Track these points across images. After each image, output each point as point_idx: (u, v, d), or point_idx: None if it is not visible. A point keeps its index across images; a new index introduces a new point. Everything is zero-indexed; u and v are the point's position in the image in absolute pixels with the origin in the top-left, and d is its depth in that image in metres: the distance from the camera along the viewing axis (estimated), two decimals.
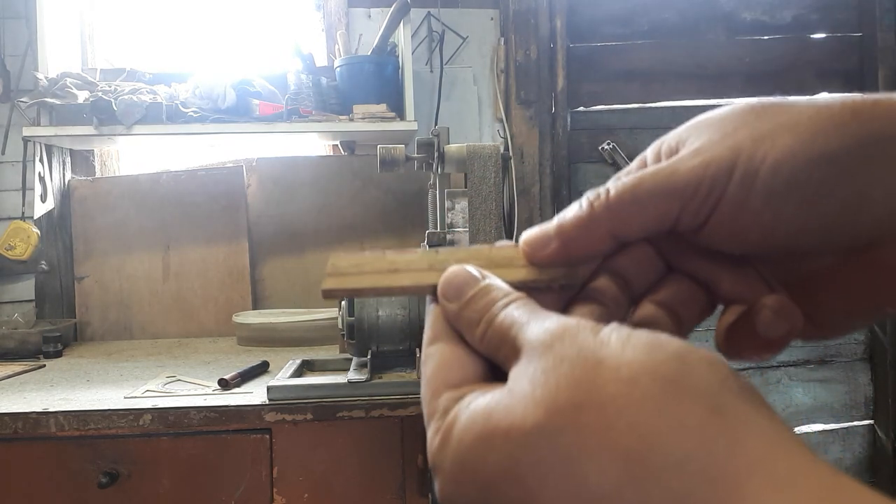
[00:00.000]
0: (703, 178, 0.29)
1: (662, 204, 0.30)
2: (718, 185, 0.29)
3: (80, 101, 1.78)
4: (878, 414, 2.17)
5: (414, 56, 1.95)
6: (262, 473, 1.28)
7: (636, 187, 0.30)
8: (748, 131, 0.29)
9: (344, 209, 2.09)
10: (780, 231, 0.29)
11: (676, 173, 0.30)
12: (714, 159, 0.29)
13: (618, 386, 0.22)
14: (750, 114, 0.30)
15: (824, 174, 0.28)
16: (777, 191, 0.28)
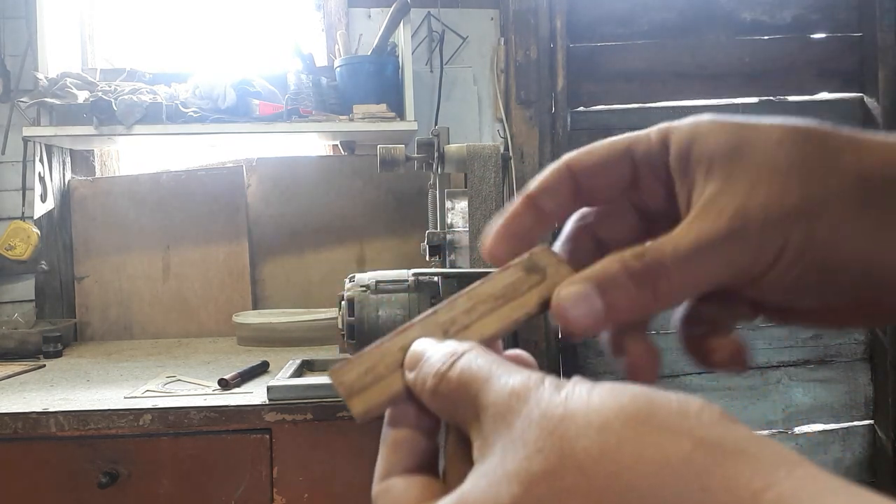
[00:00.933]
0: (756, 261, 0.28)
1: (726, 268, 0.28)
2: (768, 265, 0.28)
3: (80, 101, 1.78)
4: (878, 414, 2.17)
5: (414, 56, 1.95)
6: (262, 473, 1.28)
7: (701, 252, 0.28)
8: (800, 193, 0.28)
9: (344, 209, 2.09)
10: (800, 294, 0.30)
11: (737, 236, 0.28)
12: (767, 241, 0.28)
13: (589, 438, 0.20)
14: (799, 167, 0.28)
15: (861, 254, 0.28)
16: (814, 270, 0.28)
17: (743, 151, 0.29)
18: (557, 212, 0.33)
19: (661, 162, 0.31)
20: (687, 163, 0.30)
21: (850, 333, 2.18)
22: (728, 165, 0.29)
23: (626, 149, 0.32)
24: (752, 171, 0.28)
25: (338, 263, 2.08)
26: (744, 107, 2.15)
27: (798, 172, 0.28)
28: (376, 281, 1.39)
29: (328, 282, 2.05)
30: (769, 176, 0.28)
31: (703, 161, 0.29)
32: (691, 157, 0.30)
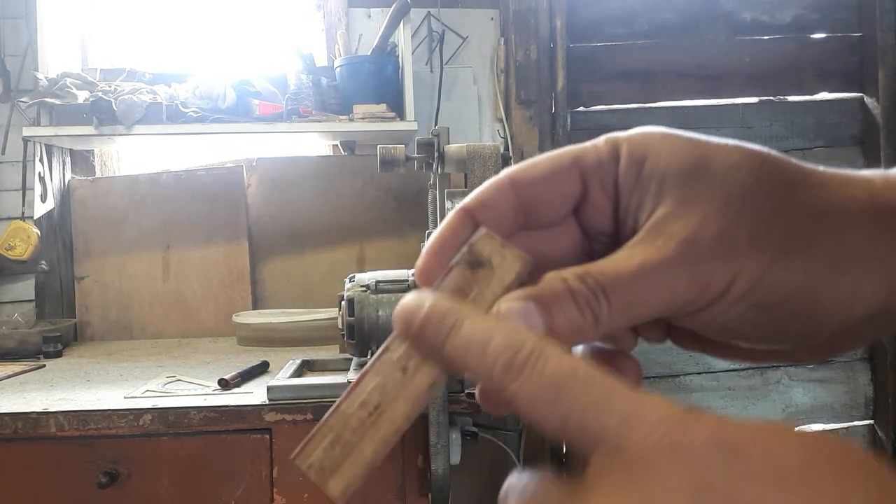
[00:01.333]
0: (702, 294, 0.27)
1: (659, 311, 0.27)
2: (713, 299, 0.27)
3: (80, 101, 1.78)
4: (878, 414, 2.17)
5: (414, 56, 1.95)
6: (262, 473, 1.28)
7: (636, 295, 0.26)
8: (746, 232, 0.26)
9: (344, 209, 2.09)
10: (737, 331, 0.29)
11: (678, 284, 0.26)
12: (717, 274, 0.26)
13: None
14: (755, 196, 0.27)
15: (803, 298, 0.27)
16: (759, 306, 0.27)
17: (698, 173, 0.27)
18: (496, 228, 0.29)
19: (610, 176, 0.29)
20: (638, 179, 0.28)
21: None
22: (681, 187, 0.27)
23: (572, 161, 0.29)
24: (706, 197, 0.27)
25: (338, 263, 2.08)
26: (744, 107, 2.15)
27: (752, 203, 0.27)
28: (376, 281, 1.39)
29: (328, 282, 2.05)
30: (724, 204, 0.27)
31: (655, 179, 0.28)
32: (643, 173, 0.28)
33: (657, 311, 0.27)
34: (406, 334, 0.25)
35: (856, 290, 0.27)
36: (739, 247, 0.26)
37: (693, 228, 0.26)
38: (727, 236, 0.26)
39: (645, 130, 0.29)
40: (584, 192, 0.29)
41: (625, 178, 0.29)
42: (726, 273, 0.26)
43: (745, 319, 0.27)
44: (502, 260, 0.27)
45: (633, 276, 0.26)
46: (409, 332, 0.25)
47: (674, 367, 2.10)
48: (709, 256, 0.26)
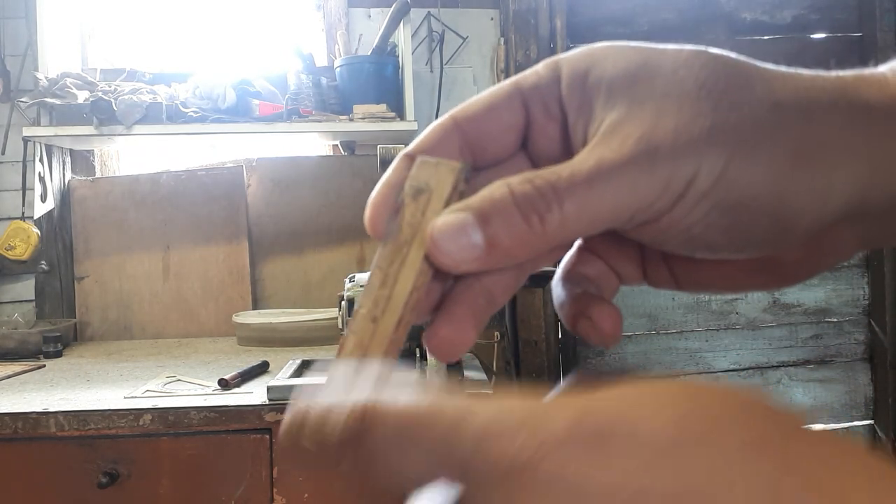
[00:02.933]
0: (662, 194, 0.24)
1: (626, 199, 0.24)
2: (681, 185, 0.25)
3: (80, 101, 1.78)
4: (878, 414, 2.17)
5: (414, 56, 1.95)
6: (262, 473, 1.27)
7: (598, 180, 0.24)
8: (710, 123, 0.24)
9: (344, 209, 2.09)
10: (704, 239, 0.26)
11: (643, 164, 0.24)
12: (676, 171, 0.24)
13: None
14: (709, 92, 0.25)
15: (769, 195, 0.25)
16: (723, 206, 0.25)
17: (647, 74, 0.25)
18: None
19: (553, 96, 0.27)
20: (583, 92, 0.26)
21: (850, 333, 2.18)
22: (630, 90, 0.25)
23: (512, 87, 0.27)
24: (658, 95, 0.25)
25: (338, 263, 2.08)
26: None
27: (708, 96, 0.25)
28: None
29: (328, 282, 2.05)
30: (678, 99, 0.25)
31: (602, 88, 0.26)
32: (587, 84, 0.26)
33: (616, 213, 0.25)
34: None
35: (826, 183, 0.25)
36: (698, 141, 0.24)
37: (648, 126, 0.25)
38: (684, 131, 0.24)
39: (588, 46, 0.27)
40: (528, 119, 0.28)
41: (568, 93, 0.27)
42: (686, 169, 0.24)
43: (711, 222, 0.25)
44: (438, 177, 0.26)
45: (589, 174, 0.24)
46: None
47: (674, 367, 2.10)
48: (667, 152, 0.24)
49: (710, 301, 2.16)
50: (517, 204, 0.24)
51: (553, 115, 0.27)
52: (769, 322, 2.18)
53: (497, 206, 0.24)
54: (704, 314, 2.16)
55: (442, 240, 0.24)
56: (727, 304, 2.17)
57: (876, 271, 2.16)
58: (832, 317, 2.19)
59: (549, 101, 0.27)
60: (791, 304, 2.18)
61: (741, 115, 0.25)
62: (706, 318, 2.17)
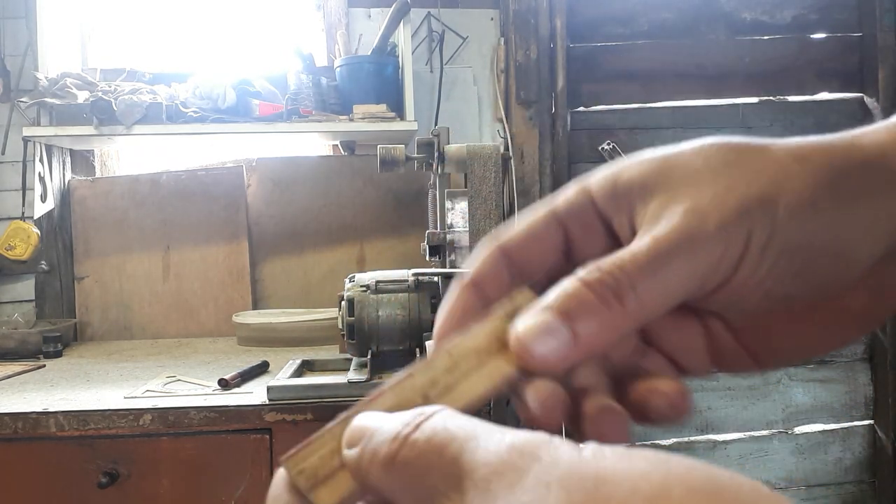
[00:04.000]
0: (727, 245, 0.26)
1: (689, 275, 0.26)
2: (739, 251, 0.27)
3: (80, 101, 1.78)
4: (878, 414, 2.17)
5: (414, 56, 1.95)
6: (262, 473, 1.27)
7: (659, 260, 0.26)
8: (745, 188, 0.27)
9: (344, 209, 2.09)
10: (778, 293, 0.28)
11: (696, 240, 0.26)
12: (731, 223, 0.26)
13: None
14: (734, 165, 0.28)
15: (823, 232, 0.27)
16: (786, 255, 0.27)
17: (669, 166, 0.28)
18: (500, 293, 0.29)
19: (589, 211, 0.30)
20: (616, 197, 0.29)
21: None
22: (661, 181, 0.28)
23: (548, 214, 0.30)
24: (688, 179, 0.27)
25: (338, 263, 2.08)
26: (744, 107, 2.15)
27: (734, 166, 0.27)
28: (376, 281, 1.39)
29: (328, 282, 2.05)
30: (708, 176, 0.27)
31: (635, 187, 0.28)
32: (618, 189, 0.29)
33: (685, 281, 0.26)
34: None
35: (871, 215, 0.28)
36: (743, 202, 0.27)
37: (691, 201, 0.27)
38: (728, 197, 0.27)
39: (605, 166, 0.30)
40: (568, 238, 0.30)
41: (604, 202, 0.29)
42: (740, 229, 0.26)
43: (780, 271, 0.27)
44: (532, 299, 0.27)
45: (650, 250, 0.26)
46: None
47: None
48: (715, 216, 0.26)
49: None
50: (593, 290, 0.25)
51: (593, 227, 0.30)
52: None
53: (574, 298, 0.25)
54: None
55: (530, 342, 0.24)
56: None
57: None
58: None
59: (586, 216, 0.30)
60: None
61: (771, 171, 0.27)
62: None
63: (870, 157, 0.28)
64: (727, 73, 2.14)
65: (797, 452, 2.15)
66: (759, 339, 0.31)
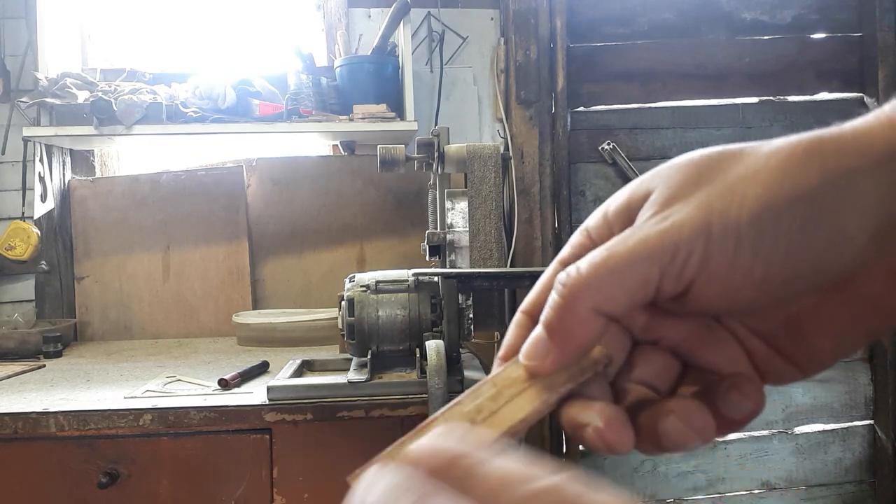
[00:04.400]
0: (679, 242, 0.28)
1: (641, 271, 0.28)
2: (698, 248, 0.28)
3: (80, 101, 1.78)
4: (878, 414, 2.17)
5: (414, 56, 1.95)
6: (262, 473, 1.27)
7: (609, 258, 0.29)
8: (709, 188, 0.29)
9: (344, 209, 2.09)
10: (773, 281, 0.29)
11: (648, 239, 0.29)
12: (686, 221, 0.28)
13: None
14: (702, 167, 0.30)
15: (803, 216, 0.28)
16: (764, 242, 0.28)
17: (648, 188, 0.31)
18: None
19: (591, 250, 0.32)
20: (610, 226, 0.32)
21: None
22: (643, 198, 0.31)
23: (556, 265, 0.33)
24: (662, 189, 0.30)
25: (338, 263, 2.08)
26: (744, 107, 2.15)
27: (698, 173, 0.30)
28: (376, 281, 1.39)
29: (328, 282, 2.05)
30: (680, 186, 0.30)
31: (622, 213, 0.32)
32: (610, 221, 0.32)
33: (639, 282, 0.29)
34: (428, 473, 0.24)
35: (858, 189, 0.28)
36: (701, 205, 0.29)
37: (655, 207, 0.30)
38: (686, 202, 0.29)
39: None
40: None
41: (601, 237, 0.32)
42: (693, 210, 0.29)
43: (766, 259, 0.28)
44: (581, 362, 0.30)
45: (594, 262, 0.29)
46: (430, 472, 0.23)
47: None
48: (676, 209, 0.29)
49: None
50: (561, 297, 0.29)
51: None
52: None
53: (550, 310, 0.29)
54: None
55: (527, 356, 0.29)
56: None
57: None
58: None
59: None
60: None
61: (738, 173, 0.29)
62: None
63: (846, 142, 0.29)
64: (727, 73, 2.13)
65: (797, 452, 2.15)
66: (794, 344, 0.32)
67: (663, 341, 0.32)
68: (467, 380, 1.29)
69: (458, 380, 1.27)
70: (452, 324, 1.33)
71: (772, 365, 0.32)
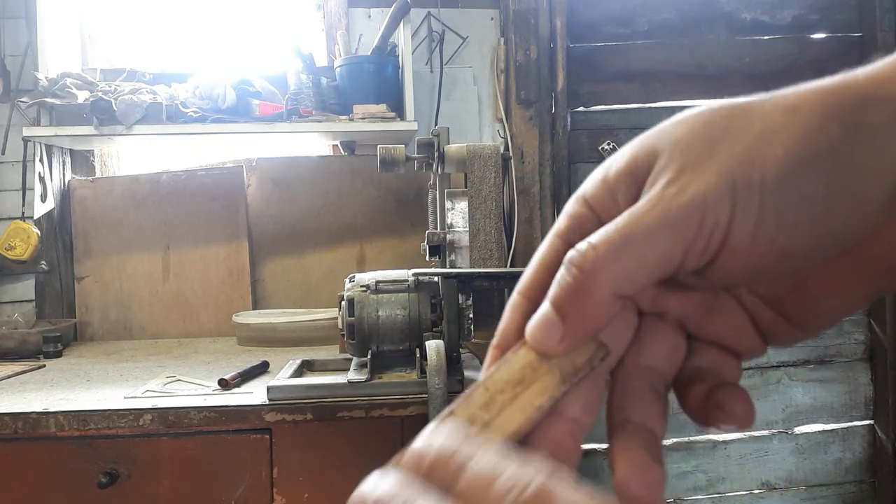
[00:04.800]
0: (704, 215, 0.26)
1: (663, 248, 0.26)
2: (722, 220, 0.26)
3: (80, 101, 1.78)
4: (878, 414, 2.17)
5: (414, 56, 1.95)
6: (262, 473, 1.27)
7: (627, 235, 0.26)
8: (727, 151, 0.27)
9: (344, 209, 2.09)
10: (797, 253, 0.27)
11: (669, 213, 0.26)
12: (709, 191, 0.26)
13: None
14: (713, 126, 0.28)
15: (827, 182, 0.26)
16: (788, 212, 0.26)
17: (654, 145, 0.29)
18: None
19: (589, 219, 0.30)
20: (611, 192, 0.30)
21: (850, 333, 2.18)
22: (650, 161, 0.29)
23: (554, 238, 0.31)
24: (672, 152, 0.28)
25: (338, 263, 2.08)
26: None
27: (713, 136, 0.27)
28: (376, 281, 1.39)
29: (328, 282, 2.05)
30: (691, 146, 0.28)
31: (622, 177, 0.29)
32: (610, 186, 0.30)
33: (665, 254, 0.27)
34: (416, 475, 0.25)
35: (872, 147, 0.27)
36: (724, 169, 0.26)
37: (671, 173, 0.27)
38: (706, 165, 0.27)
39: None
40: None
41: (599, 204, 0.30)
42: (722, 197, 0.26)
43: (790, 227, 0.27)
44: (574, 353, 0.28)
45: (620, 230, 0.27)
46: (419, 473, 0.24)
47: None
48: (694, 189, 0.27)
49: None
50: (571, 275, 0.27)
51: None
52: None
53: (560, 287, 0.27)
54: None
55: (534, 337, 0.27)
56: None
57: None
58: None
59: (589, 227, 0.29)
60: None
61: (756, 133, 0.27)
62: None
63: (865, 93, 0.27)
64: (727, 73, 2.13)
65: (797, 452, 2.15)
66: (797, 306, 0.31)
67: (670, 314, 0.31)
68: (467, 380, 1.29)
69: (458, 380, 1.27)
70: (452, 324, 1.33)
71: (776, 328, 0.31)
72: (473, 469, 0.23)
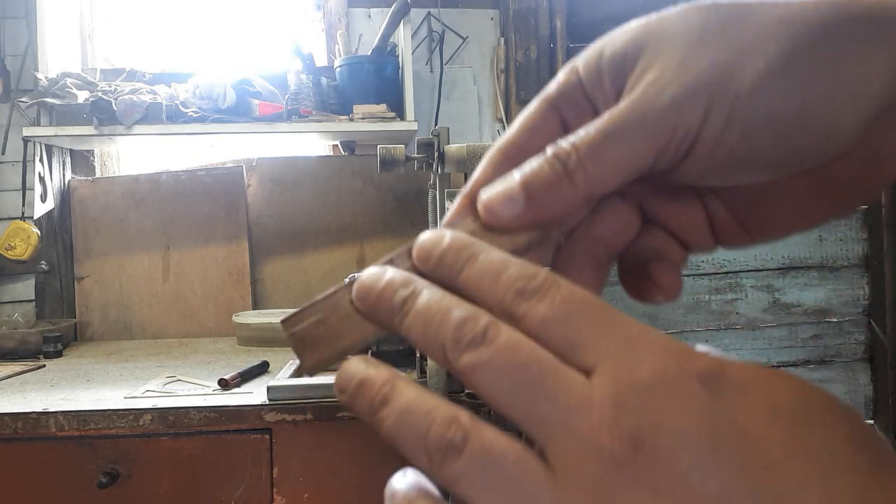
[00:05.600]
0: (679, 119, 0.26)
1: (637, 155, 0.27)
2: (695, 125, 0.26)
3: (80, 101, 1.78)
4: (878, 414, 2.17)
5: (414, 56, 1.95)
6: (262, 473, 1.28)
7: (609, 138, 0.27)
8: (712, 55, 0.26)
9: (344, 209, 2.09)
10: (757, 162, 0.27)
11: (646, 118, 0.26)
12: (686, 96, 0.26)
13: None
14: (710, 23, 0.27)
15: (799, 105, 0.26)
16: (755, 122, 0.26)
17: (650, 34, 0.28)
18: None
19: (579, 93, 0.29)
20: (601, 72, 0.29)
21: (850, 333, 2.18)
22: (642, 50, 0.28)
23: (541, 102, 0.30)
24: (664, 46, 0.28)
25: (338, 263, 2.08)
26: None
27: (705, 37, 0.27)
28: None
29: (328, 282, 2.05)
30: (682, 44, 0.27)
31: (617, 60, 0.29)
32: (603, 64, 0.29)
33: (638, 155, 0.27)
34: (424, 265, 0.26)
35: (853, 75, 0.26)
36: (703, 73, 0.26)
37: (656, 71, 0.27)
38: (687, 67, 0.26)
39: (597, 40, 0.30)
40: (564, 123, 0.30)
41: (589, 81, 0.29)
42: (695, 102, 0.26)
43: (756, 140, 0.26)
44: None
45: (600, 129, 0.27)
46: (427, 264, 0.26)
47: None
48: (672, 91, 0.26)
49: (710, 301, 2.16)
50: (550, 166, 0.27)
51: (584, 109, 0.29)
52: (769, 322, 2.18)
53: (534, 174, 0.27)
54: (704, 314, 2.16)
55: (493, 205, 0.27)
56: (727, 305, 2.17)
57: (876, 271, 2.16)
58: (832, 317, 2.19)
59: (577, 98, 0.29)
60: (791, 304, 2.18)
61: (744, 43, 0.26)
62: (706, 319, 2.17)
63: (863, 8, 0.26)
64: None
65: None
66: (752, 213, 0.31)
67: (632, 194, 0.31)
68: None
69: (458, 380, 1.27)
70: None
71: (728, 230, 0.32)
72: (484, 259, 0.24)
